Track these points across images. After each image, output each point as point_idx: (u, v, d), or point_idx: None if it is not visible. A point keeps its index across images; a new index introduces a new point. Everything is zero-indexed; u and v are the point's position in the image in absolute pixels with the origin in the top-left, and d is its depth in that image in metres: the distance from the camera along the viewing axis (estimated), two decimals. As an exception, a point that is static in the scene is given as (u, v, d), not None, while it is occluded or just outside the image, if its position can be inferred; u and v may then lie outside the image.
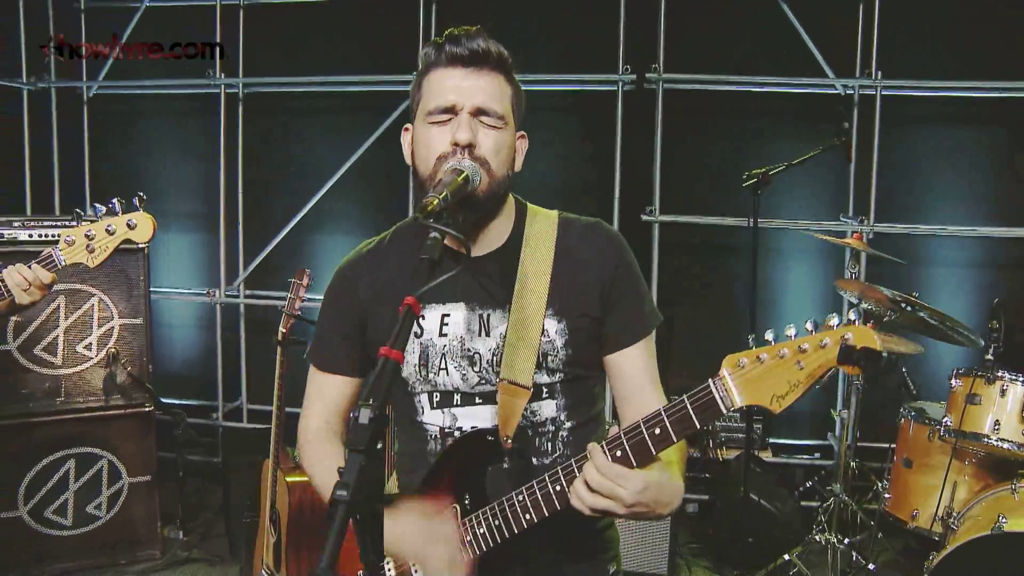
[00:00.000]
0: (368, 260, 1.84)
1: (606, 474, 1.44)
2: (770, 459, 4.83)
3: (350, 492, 1.09)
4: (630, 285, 1.77)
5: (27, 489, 4.09)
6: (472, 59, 1.67)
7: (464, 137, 1.61)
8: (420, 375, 1.75)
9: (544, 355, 1.69)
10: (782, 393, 1.35)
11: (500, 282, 1.73)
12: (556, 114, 5.30)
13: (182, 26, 5.58)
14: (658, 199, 4.94)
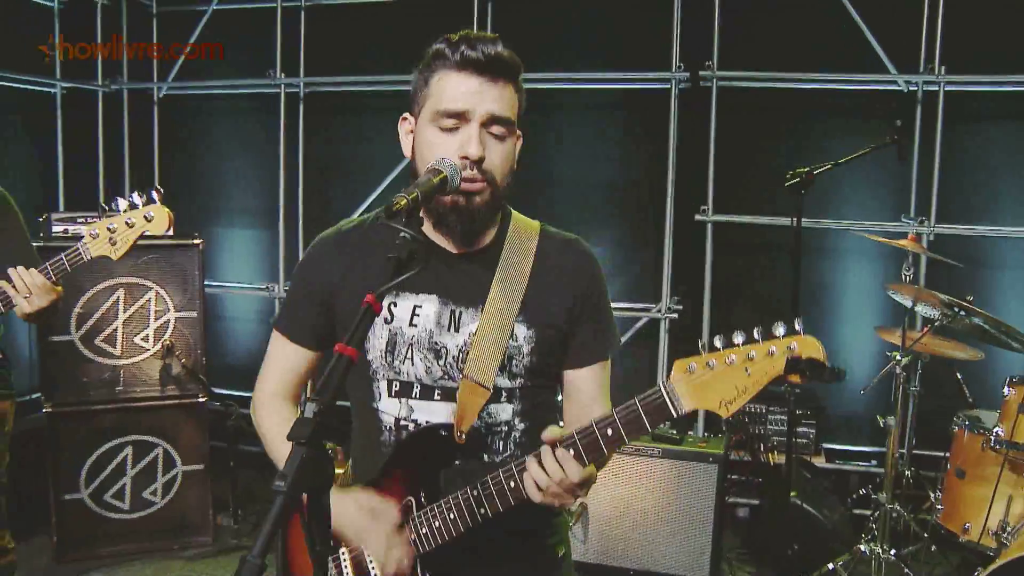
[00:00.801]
0: (345, 240, 1.84)
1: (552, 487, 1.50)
2: (822, 464, 4.71)
3: (288, 484, 1.12)
4: (598, 306, 1.80)
5: (88, 473, 4.28)
6: (487, 66, 1.63)
7: (475, 152, 1.61)
8: (385, 361, 1.75)
9: (509, 358, 1.71)
10: (730, 399, 1.37)
11: (477, 281, 1.73)
12: (611, 112, 5.28)
13: (246, 28, 5.74)
14: (711, 198, 4.87)
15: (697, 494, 4.02)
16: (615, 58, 5.05)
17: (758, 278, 5.10)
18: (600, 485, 4.08)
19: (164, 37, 5.99)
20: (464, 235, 1.73)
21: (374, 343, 1.77)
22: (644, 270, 5.16)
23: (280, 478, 1.12)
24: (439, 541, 1.63)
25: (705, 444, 4.12)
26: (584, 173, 5.29)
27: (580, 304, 1.77)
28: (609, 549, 4.16)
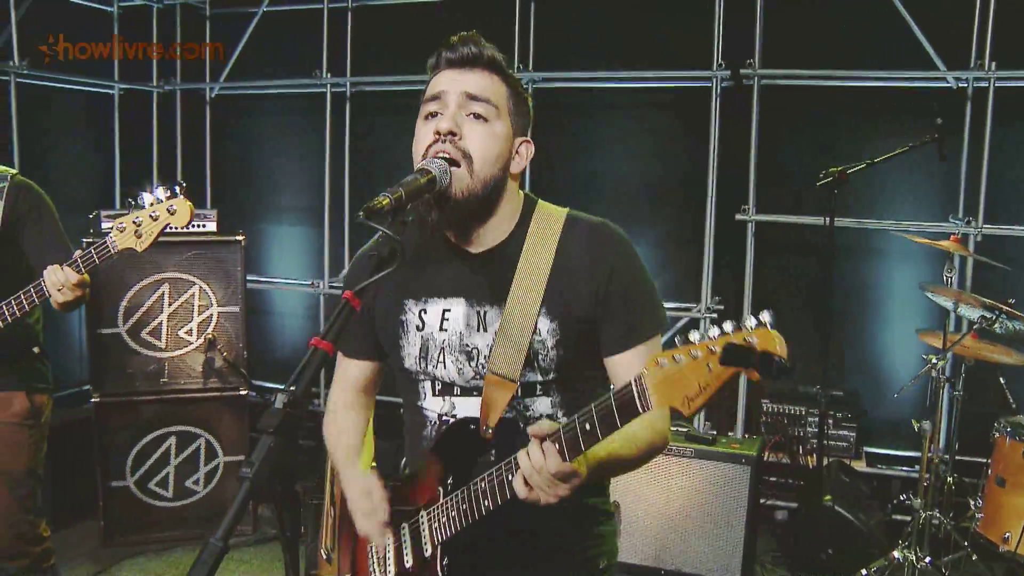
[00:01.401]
0: None
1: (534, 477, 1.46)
2: (862, 468, 4.62)
3: (253, 470, 1.15)
4: (629, 288, 1.71)
5: (134, 461, 4.42)
6: (463, 61, 1.69)
7: (444, 126, 1.63)
8: (420, 367, 1.78)
9: (535, 353, 1.69)
10: (692, 395, 1.28)
11: (498, 279, 1.72)
12: (652, 111, 5.25)
13: (295, 29, 5.86)
14: (752, 198, 4.81)
15: (729, 495, 3.98)
16: (656, 57, 5.03)
17: (800, 278, 5.02)
18: (633, 484, 4.08)
19: (216, 38, 6.15)
20: (457, 227, 1.73)
21: (408, 351, 1.79)
22: (685, 270, 5.12)
23: (247, 465, 1.16)
24: (451, 532, 1.65)
25: (739, 446, 4.08)
26: (626, 172, 5.28)
27: (606, 289, 1.70)
28: (641, 548, 4.14)
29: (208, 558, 1.13)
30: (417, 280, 1.78)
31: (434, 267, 1.78)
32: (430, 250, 1.78)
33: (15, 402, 3.04)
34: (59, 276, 2.70)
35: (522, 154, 1.75)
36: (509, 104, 1.71)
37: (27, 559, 3.10)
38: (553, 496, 1.46)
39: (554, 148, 5.39)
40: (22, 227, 2.99)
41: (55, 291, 2.72)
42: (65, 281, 2.71)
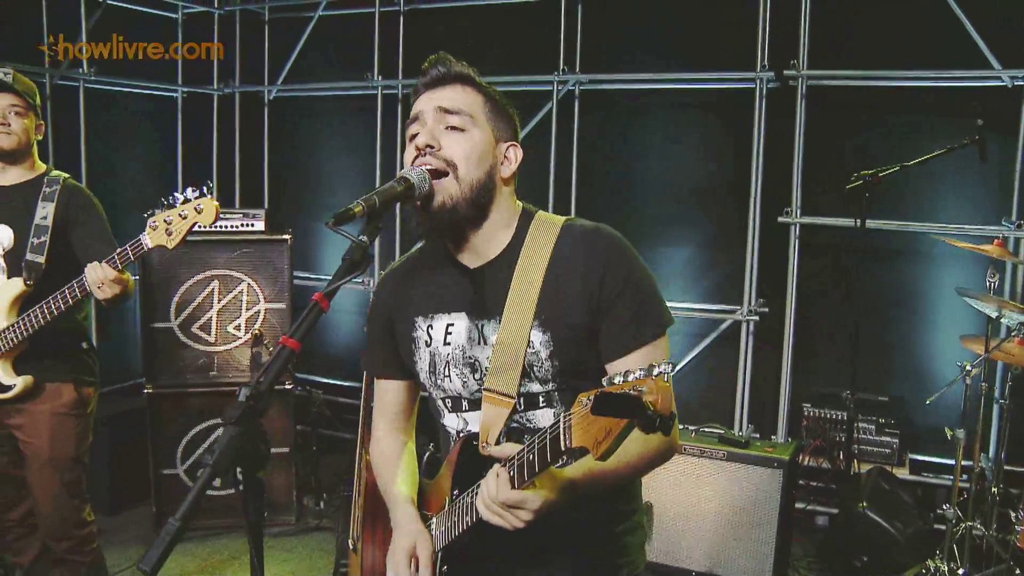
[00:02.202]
0: (397, 273, 1.94)
1: (490, 506, 1.49)
2: (905, 476, 4.53)
3: (215, 458, 1.24)
4: (626, 291, 1.70)
5: (184, 450, 4.60)
6: (434, 81, 1.77)
7: (422, 140, 1.70)
8: (431, 381, 1.84)
9: (530, 365, 1.70)
10: (600, 438, 1.23)
11: (495, 292, 1.75)
12: (696, 113, 5.23)
13: (349, 32, 6.00)
14: (796, 200, 4.76)
15: (761, 498, 3.96)
16: (702, 59, 5.00)
17: (845, 281, 4.94)
18: (666, 484, 4.10)
19: (275, 42, 6.33)
20: (454, 237, 1.77)
21: (421, 366, 1.85)
22: (729, 272, 5.08)
23: (210, 453, 1.24)
24: (447, 540, 1.71)
25: (772, 449, 4.05)
26: (671, 174, 5.27)
27: (600, 294, 1.69)
28: (673, 549, 4.15)
29: (166, 536, 1.22)
30: (424, 297, 1.84)
31: (438, 283, 1.83)
32: (435, 267, 1.83)
33: (64, 393, 3.21)
34: (98, 273, 2.85)
35: (510, 158, 1.79)
36: (485, 111, 1.75)
37: (72, 541, 3.27)
38: (515, 521, 1.47)
39: (600, 150, 5.42)
40: (72, 227, 3.16)
41: (95, 287, 2.87)
42: (104, 277, 2.85)
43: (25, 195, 3.17)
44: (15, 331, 3.05)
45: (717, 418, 4.77)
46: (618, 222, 5.51)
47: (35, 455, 3.19)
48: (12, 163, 3.16)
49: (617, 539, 1.82)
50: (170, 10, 6.14)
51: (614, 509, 1.82)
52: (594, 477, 1.57)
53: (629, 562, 1.83)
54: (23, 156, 3.18)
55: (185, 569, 4.24)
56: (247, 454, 1.27)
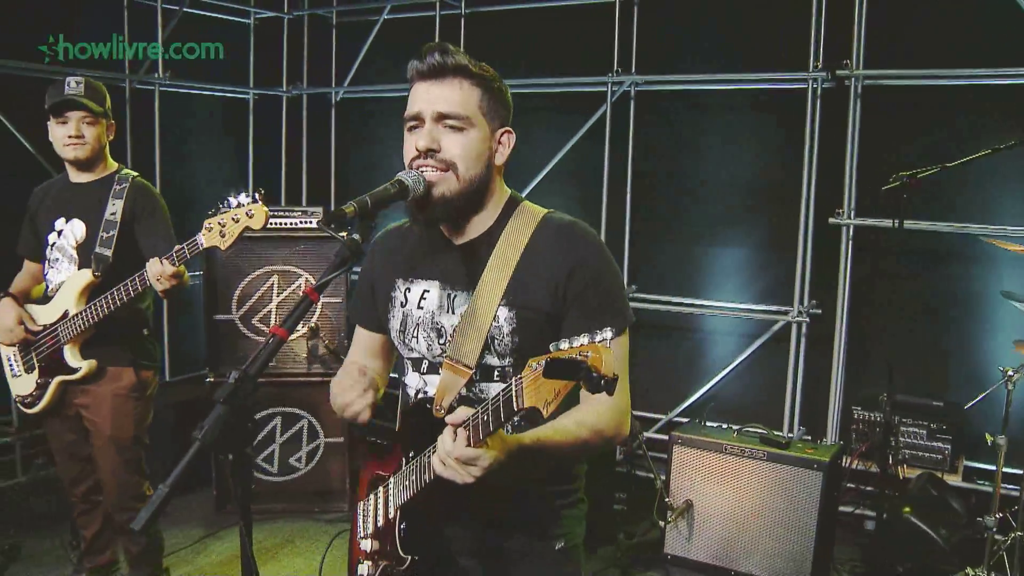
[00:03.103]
0: (387, 238, 2.08)
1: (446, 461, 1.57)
2: (956, 483, 4.44)
3: (203, 433, 1.36)
4: (591, 286, 1.81)
5: (244, 438, 4.80)
6: (431, 72, 1.82)
7: (422, 144, 1.79)
8: (400, 340, 1.97)
9: (492, 339, 1.82)
10: (549, 399, 1.35)
11: (471, 268, 1.88)
12: (750, 113, 5.22)
13: (414, 35, 6.15)
14: (848, 201, 4.71)
15: (800, 500, 3.96)
16: (755, 59, 5.00)
17: (901, 283, 4.86)
18: (707, 483, 4.14)
19: (341, 46, 6.55)
20: (447, 222, 1.89)
21: (393, 324, 1.99)
22: (782, 274, 5.05)
23: (198, 429, 1.37)
24: (404, 499, 1.83)
25: (813, 451, 4.04)
26: (725, 175, 5.27)
27: (567, 286, 1.80)
28: (712, 548, 4.17)
29: (156, 500, 1.34)
30: (408, 263, 1.97)
31: (423, 252, 1.95)
32: (423, 237, 1.95)
33: (125, 376, 3.43)
34: (157, 268, 3.06)
35: (504, 143, 1.89)
36: (482, 106, 1.83)
37: (132, 512, 3.47)
38: (466, 476, 1.56)
39: (655, 150, 5.45)
40: (137, 223, 3.38)
41: (154, 280, 3.08)
42: (163, 272, 3.06)
43: (98, 192, 3.39)
44: (83, 318, 3.28)
45: (768, 419, 4.78)
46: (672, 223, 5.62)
47: (98, 433, 3.41)
48: (88, 168, 3.39)
49: (555, 511, 1.93)
50: (242, 16, 6.40)
51: (555, 488, 1.94)
52: (543, 444, 1.67)
53: (566, 533, 1.95)
54: (97, 160, 3.40)
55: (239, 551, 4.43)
56: (235, 430, 1.39)
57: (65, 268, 3.39)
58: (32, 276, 3.56)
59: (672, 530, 4.27)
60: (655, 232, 5.52)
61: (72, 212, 3.39)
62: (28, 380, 3.45)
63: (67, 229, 3.39)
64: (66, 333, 3.32)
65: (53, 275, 3.42)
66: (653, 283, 5.51)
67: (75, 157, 3.33)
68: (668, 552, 4.29)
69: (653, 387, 5.59)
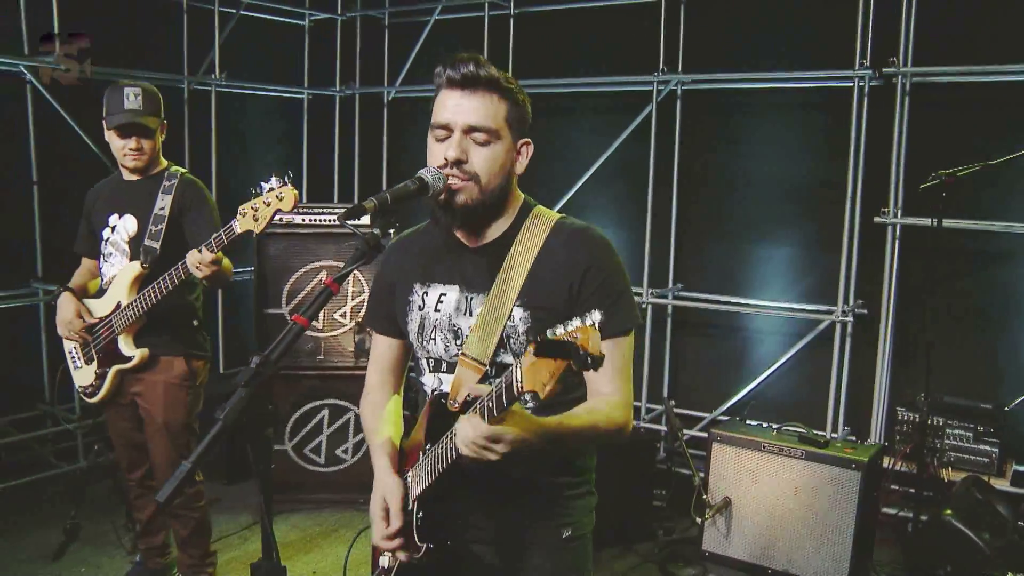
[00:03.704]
0: (402, 244, 2.15)
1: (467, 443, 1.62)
2: (1004, 487, 4.37)
3: (225, 414, 1.45)
4: (599, 288, 1.89)
5: (292, 428, 4.96)
6: (464, 82, 1.87)
7: (451, 155, 1.85)
8: (418, 342, 2.05)
9: (507, 337, 1.89)
10: (546, 381, 1.40)
11: (488, 271, 1.95)
12: (798, 112, 5.20)
13: (459, 36, 6.25)
14: (895, 199, 4.66)
15: (838, 500, 3.94)
16: (800, 56, 4.97)
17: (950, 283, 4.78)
18: (745, 481, 4.15)
19: (393, 46, 6.67)
20: (465, 227, 1.96)
21: (411, 327, 2.06)
22: (828, 272, 5.01)
23: (220, 410, 1.46)
24: (420, 489, 1.90)
25: (852, 450, 4.02)
26: (771, 173, 5.25)
27: (578, 287, 1.88)
28: (750, 546, 4.18)
29: (179, 475, 1.42)
30: (425, 267, 2.04)
31: (439, 257, 2.02)
32: (439, 242, 2.03)
33: (176, 366, 3.57)
34: (196, 256, 3.18)
35: (523, 153, 1.96)
36: (508, 119, 1.89)
37: (182, 497, 3.62)
38: (489, 455, 1.61)
39: (700, 149, 5.46)
40: (184, 216, 3.51)
41: (194, 268, 3.20)
42: (200, 260, 3.18)
43: (149, 188, 3.54)
44: (134, 308, 3.43)
45: (812, 419, 4.76)
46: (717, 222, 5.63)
47: (151, 420, 3.57)
48: (142, 172, 3.54)
49: (564, 501, 2.00)
50: (298, 18, 6.57)
51: (563, 478, 2.00)
52: (562, 425, 1.73)
53: (574, 522, 2.01)
54: (153, 163, 3.55)
55: (288, 539, 4.58)
56: (255, 412, 1.47)
57: (117, 262, 3.54)
58: (89, 272, 3.73)
59: (710, 527, 4.29)
60: (701, 231, 5.53)
61: (124, 208, 3.54)
62: (88, 371, 3.62)
63: (120, 224, 3.55)
64: (120, 323, 3.48)
65: (107, 269, 3.58)
66: (698, 282, 5.52)
67: (134, 167, 3.49)
68: (706, 549, 4.31)
69: (698, 385, 5.60)
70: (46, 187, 5.09)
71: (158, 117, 3.46)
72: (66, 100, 4.92)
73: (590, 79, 5.71)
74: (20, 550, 4.32)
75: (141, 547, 3.91)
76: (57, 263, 4.01)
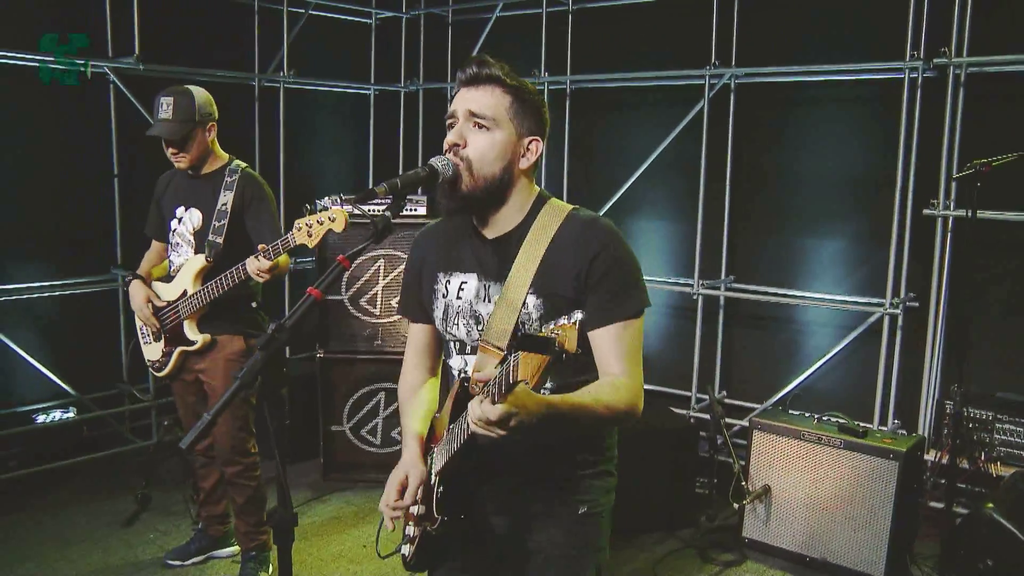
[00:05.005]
0: (430, 233, 2.30)
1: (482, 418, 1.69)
2: (1053, 483, 4.31)
3: (242, 374, 1.62)
4: (608, 274, 1.98)
5: (350, 410, 5.19)
6: (469, 79, 2.04)
7: (451, 138, 2.02)
8: (443, 327, 2.19)
9: (521, 323, 2.00)
10: (530, 375, 1.53)
11: (504, 260, 2.05)
12: (851, 104, 5.18)
13: (520, 32, 6.39)
14: (946, 192, 4.63)
15: (876, 490, 3.97)
16: (852, 49, 4.95)
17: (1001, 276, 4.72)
18: (785, 470, 4.21)
19: (457, 43, 6.85)
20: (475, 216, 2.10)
21: (437, 313, 2.21)
22: (880, 265, 5.00)
23: (238, 371, 1.63)
24: (441, 463, 2.03)
25: (891, 440, 4.03)
26: (823, 167, 5.24)
27: (587, 274, 1.97)
28: (789, 533, 4.23)
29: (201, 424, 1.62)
30: (447, 257, 2.18)
31: (460, 247, 2.16)
32: (460, 234, 2.17)
33: (235, 344, 3.83)
34: (255, 265, 3.48)
35: (532, 151, 2.07)
36: (510, 111, 2.02)
37: (240, 467, 3.88)
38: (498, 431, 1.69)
39: (752, 142, 5.49)
40: (246, 212, 3.76)
41: (253, 274, 3.48)
42: (259, 268, 3.47)
43: (211, 184, 3.79)
44: (198, 298, 3.70)
45: (862, 412, 4.77)
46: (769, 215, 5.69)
47: (213, 394, 3.84)
48: (198, 169, 3.79)
49: (580, 480, 2.10)
50: (364, 16, 6.81)
51: (580, 456, 2.11)
52: (566, 403, 1.82)
53: (589, 500, 2.11)
54: (204, 159, 3.78)
55: (343, 513, 4.82)
56: (271, 372, 1.65)
57: (184, 252, 3.81)
58: (158, 255, 4.02)
59: (750, 515, 4.35)
60: (753, 224, 5.56)
61: (190, 201, 3.80)
62: (156, 348, 3.91)
63: (186, 217, 3.81)
64: (185, 309, 3.75)
65: (175, 257, 3.84)
66: (750, 274, 5.55)
67: (180, 168, 3.76)
68: (746, 536, 4.37)
69: (748, 377, 5.64)
70: (125, 180, 5.43)
71: (192, 122, 3.64)
72: (145, 97, 5.23)
73: (643, 73, 5.79)
74: (98, 516, 4.66)
75: (203, 515, 4.20)
76: (135, 251, 4.32)
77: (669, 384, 5.86)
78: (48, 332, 5.36)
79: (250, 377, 1.64)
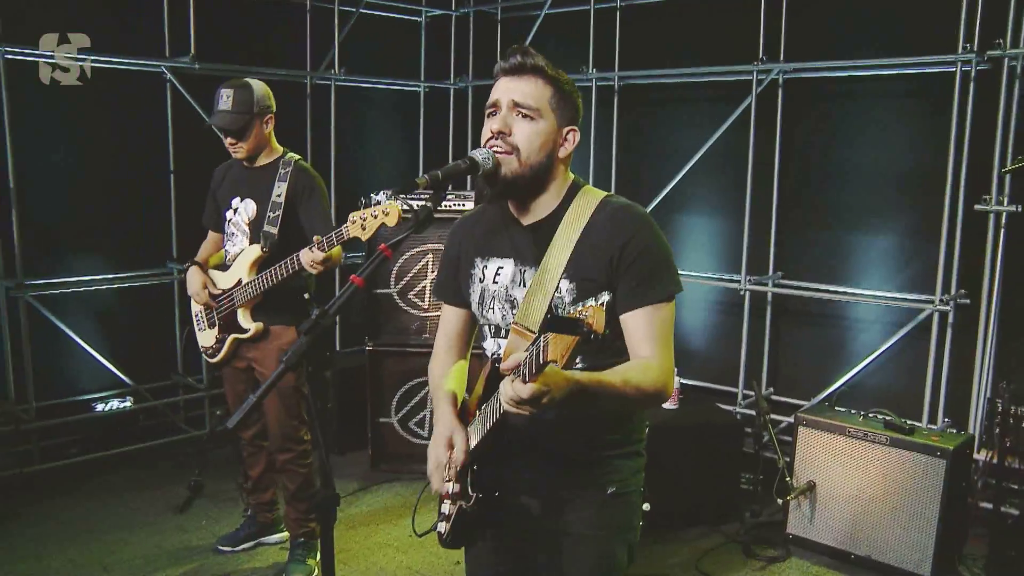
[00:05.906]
0: (465, 223, 2.37)
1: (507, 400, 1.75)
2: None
3: (287, 358, 1.69)
4: (640, 259, 2.01)
5: (397, 403, 5.27)
6: (512, 69, 2.09)
7: (496, 127, 2.06)
8: (479, 311, 2.25)
9: (555, 307, 2.05)
10: (560, 355, 1.58)
11: (538, 246, 2.12)
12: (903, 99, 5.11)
13: (568, 29, 6.41)
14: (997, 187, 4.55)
15: (922, 488, 3.93)
16: (903, 42, 4.89)
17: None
18: (831, 465, 4.20)
19: (506, 40, 6.89)
20: (513, 202, 2.15)
21: (473, 298, 2.27)
22: (931, 261, 4.93)
23: (283, 355, 1.70)
24: (474, 442, 2.10)
25: (938, 438, 3.99)
26: (874, 162, 5.18)
27: (619, 259, 2.01)
28: (833, 530, 4.21)
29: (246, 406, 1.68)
30: (484, 243, 2.25)
31: (497, 233, 2.22)
32: (497, 221, 2.23)
33: (286, 334, 3.93)
34: (308, 257, 3.57)
35: (569, 140, 2.12)
36: (552, 102, 2.08)
37: (292, 454, 3.96)
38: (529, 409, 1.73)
39: (801, 138, 5.45)
40: (298, 202, 3.86)
41: (308, 266, 3.58)
42: (313, 260, 3.57)
43: (266, 175, 3.90)
44: (253, 287, 3.81)
45: (911, 409, 4.72)
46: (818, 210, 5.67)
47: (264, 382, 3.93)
48: (253, 160, 3.90)
49: (607, 460, 2.15)
50: (414, 15, 6.91)
51: (609, 437, 2.15)
52: (594, 381, 1.85)
53: (618, 480, 2.15)
54: (260, 150, 3.89)
55: (391, 504, 4.91)
56: (315, 356, 1.71)
57: (239, 241, 3.92)
58: (214, 244, 4.15)
59: (795, 511, 4.33)
60: (801, 219, 5.51)
61: (245, 192, 3.91)
62: (210, 334, 4.03)
63: (241, 207, 3.92)
64: (240, 297, 3.86)
65: (230, 247, 3.96)
66: (799, 270, 5.51)
67: (237, 158, 3.87)
68: (790, 532, 4.36)
69: (796, 373, 5.60)
70: (181, 176, 5.59)
71: (250, 113, 3.76)
72: (200, 96, 5.38)
73: (691, 69, 5.78)
74: (152, 503, 4.82)
75: (252, 502, 4.31)
76: (191, 245, 4.46)
77: (716, 380, 5.85)
78: (106, 323, 5.54)
79: (294, 360, 1.70)
